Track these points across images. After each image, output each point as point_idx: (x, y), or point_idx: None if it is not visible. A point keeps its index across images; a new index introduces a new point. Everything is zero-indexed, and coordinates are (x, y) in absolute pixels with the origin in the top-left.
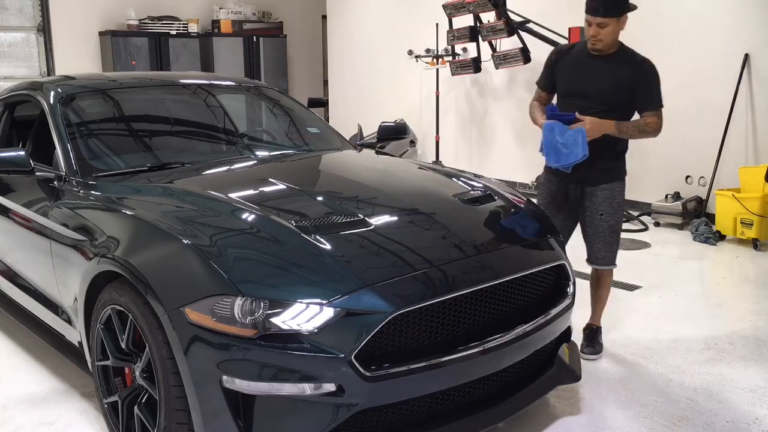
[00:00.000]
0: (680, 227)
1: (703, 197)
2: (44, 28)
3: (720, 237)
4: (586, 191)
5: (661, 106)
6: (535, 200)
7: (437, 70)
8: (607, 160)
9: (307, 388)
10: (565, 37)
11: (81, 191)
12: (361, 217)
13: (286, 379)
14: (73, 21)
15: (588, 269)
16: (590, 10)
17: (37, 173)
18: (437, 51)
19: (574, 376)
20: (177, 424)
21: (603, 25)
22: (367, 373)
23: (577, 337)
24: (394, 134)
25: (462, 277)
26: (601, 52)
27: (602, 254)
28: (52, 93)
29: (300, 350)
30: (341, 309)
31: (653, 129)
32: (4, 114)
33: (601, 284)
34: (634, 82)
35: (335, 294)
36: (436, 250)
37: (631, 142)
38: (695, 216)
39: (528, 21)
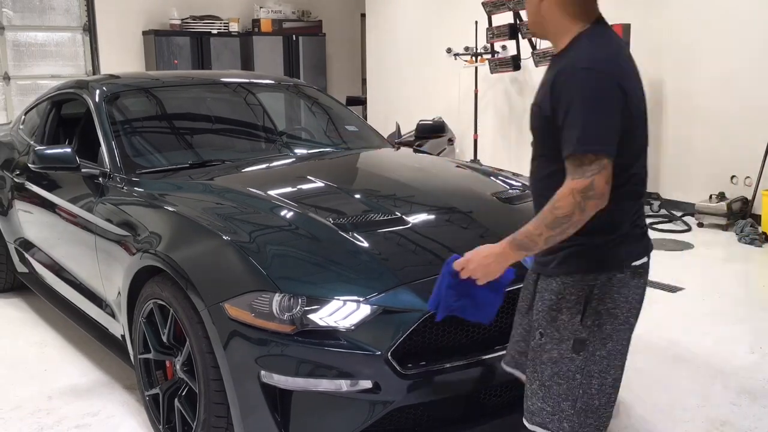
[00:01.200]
0: (725, 228)
1: (749, 198)
2: (90, 28)
3: (766, 238)
4: (538, 285)
5: (589, 147)
6: None
7: (476, 68)
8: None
9: (343, 385)
10: None
11: (124, 188)
12: (399, 215)
13: (323, 375)
14: (117, 21)
15: None
16: None
17: (83, 170)
18: (476, 49)
19: None
20: (216, 417)
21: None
22: (403, 371)
23: None
24: (432, 132)
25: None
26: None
27: (532, 402)
28: (98, 91)
29: (337, 347)
30: (378, 306)
31: (566, 205)
32: (51, 112)
33: None
34: (550, 104)
35: (372, 291)
36: (474, 248)
37: (675, 138)
38: (740, 217)
39: None
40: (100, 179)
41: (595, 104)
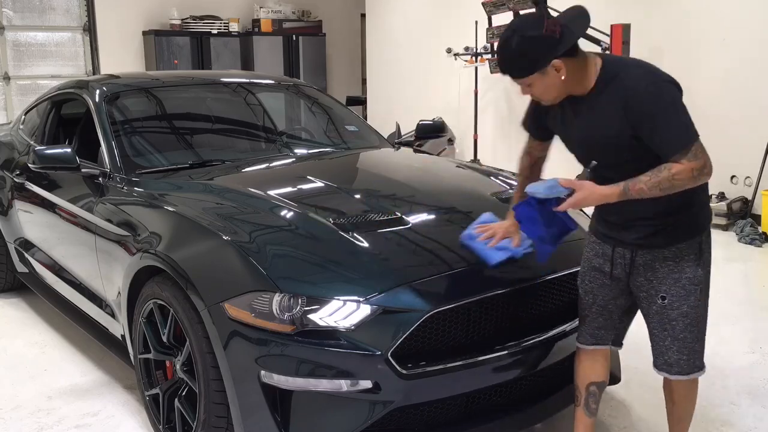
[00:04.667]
0: (725, 228)
1: (749, 198)
2: (90, 28)
3: (766, 238)
4: (636, 259)
5: (691, 141)
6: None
7: (476, 68)
8: (666, 214)
9: (343, 385)
10: (606, 35)
11: (125, 188)
12: (399, 215)
13: (323, 375)
14: (117, 21)
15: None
16: (501, 69)
17: (83, 170)
18: (476, 49)
19: (614, 378)
20: (216, 417)
21: (527, 83)
22: (404, 371)
23: None
24: (432, 132)
25: (499, 276)
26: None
27: (674, 357)
28: (98, 91)
29: (337, 347)
30: (378, 306)
31: (685, 178)
32: (51, 112)
33: (676, 400)
34: (633, 119)
35: (372, 291)
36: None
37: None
38: (740, 217)
39: None
40: (100, 179)
41: (682, 106)
